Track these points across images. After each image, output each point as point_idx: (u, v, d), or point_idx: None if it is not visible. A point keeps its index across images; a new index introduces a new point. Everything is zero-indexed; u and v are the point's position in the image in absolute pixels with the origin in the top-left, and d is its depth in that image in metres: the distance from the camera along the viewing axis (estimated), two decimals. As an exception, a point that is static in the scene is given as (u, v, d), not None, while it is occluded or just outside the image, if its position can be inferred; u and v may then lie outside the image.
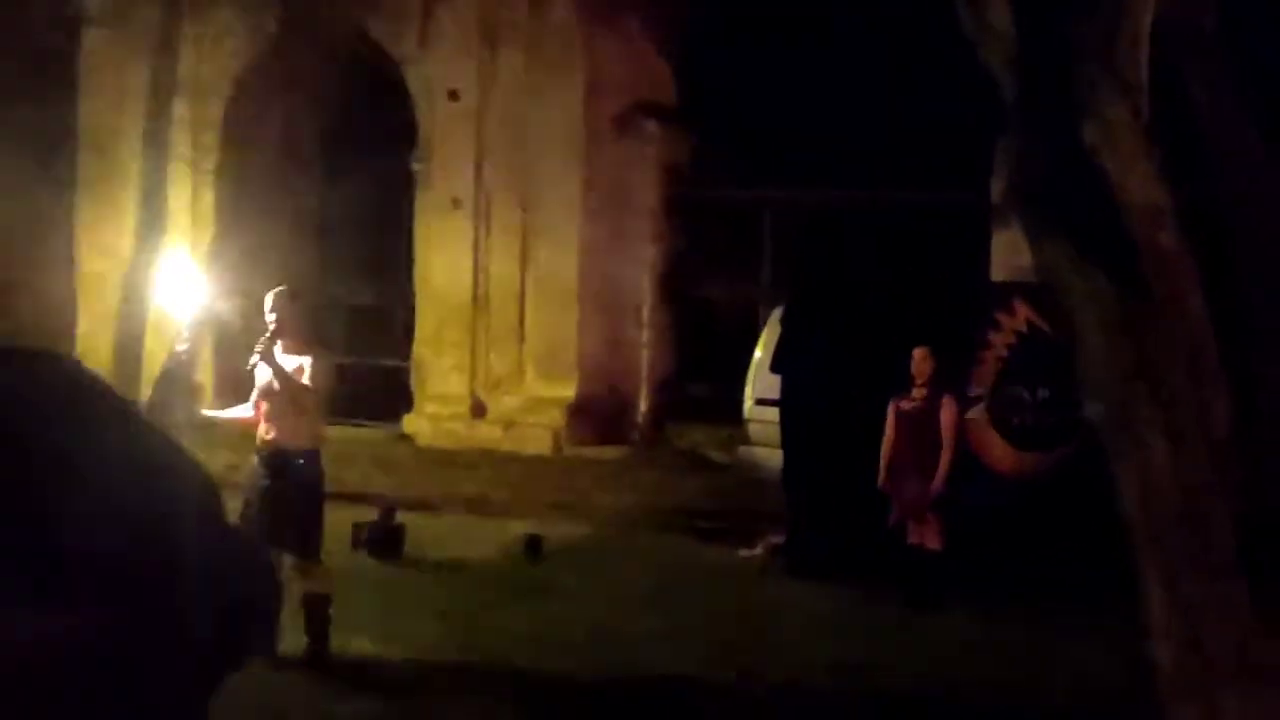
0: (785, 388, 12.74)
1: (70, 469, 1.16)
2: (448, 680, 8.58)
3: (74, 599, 1.13)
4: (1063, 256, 4.42)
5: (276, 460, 8.75)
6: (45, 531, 1.12)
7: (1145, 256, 4.30)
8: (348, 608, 9.45)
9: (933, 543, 10.85)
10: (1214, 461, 4.39)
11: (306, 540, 8.76)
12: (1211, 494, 4.38)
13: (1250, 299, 4.64)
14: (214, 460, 14.76)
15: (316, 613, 8.75)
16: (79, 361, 1.38)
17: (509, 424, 19.87)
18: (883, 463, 11.08)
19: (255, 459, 8.91)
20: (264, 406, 8.82)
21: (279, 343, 8.66)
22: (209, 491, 1.28)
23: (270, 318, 8.67)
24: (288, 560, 8.69)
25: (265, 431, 8.80)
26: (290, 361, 8.66)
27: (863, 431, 11.29)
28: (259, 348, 8.60)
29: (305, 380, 8.63)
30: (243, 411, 9.13)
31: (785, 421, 12.65)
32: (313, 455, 8.84)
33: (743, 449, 14.78)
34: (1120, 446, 4.44)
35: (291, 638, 8.56)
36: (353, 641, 9.02)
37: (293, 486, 8.70)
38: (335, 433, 20.62)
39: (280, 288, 9.02)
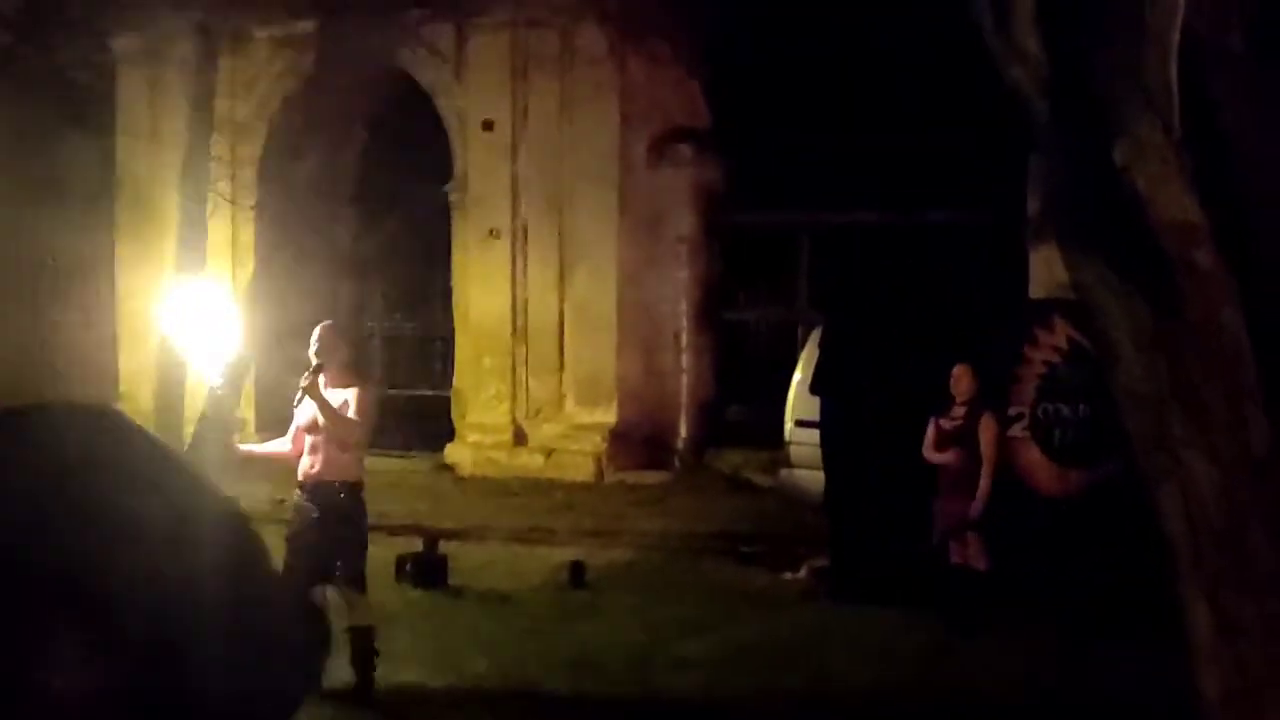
0: (825, 409, 12.71)
1: (114, 524, 1.19)
2: (494, 709, 8.59)
3: (114, 653, 1.15)
4: (1097, 275, 4.41)
5: (319, 493, 8.76)
6: (85, 587, 1.14)
7: (1180, 274, 4.29)
8: (393, 639, 9.48)
9: (977, 563, 10.80)
10: (1254, 479, 4.37)
11: (352, 573, 8.76)
12: (1252, 512, 4.35)
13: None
14: (257, 494, 14.89)
15: (362, 645, 8.77)
16: (123, 414, 1.40)
17: (550, 451, 19.92)
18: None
19: (298, 493, 8.94)
20: (306, 440, 8.83)
21: (323, 376, 8.71)
22: (251, 542, 1.31)
23: (314, 352, 8.72)
24: (332, 593, 8.73)
25: (309, 466, 8.81)
26: (335, 396, 8.69)
27: (903, 452, 11.25)
28: (303, 382, 8.64)
29: (350, 414, 8.66)
30: (279, 446, 9.18)
31: (826, 443, 12.61)
32: (355, 488, 8.85)
33: (784, 472, 14.77)
34: (1158, 466, 4.42)
35: (338, 671, 8.59)
36: (399, 673, 9.04)
37: (336, 519, 8.71)
38: (377, 464, 20.77)
39: (325, 322, 9.07)
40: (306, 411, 8.80)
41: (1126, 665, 9.12)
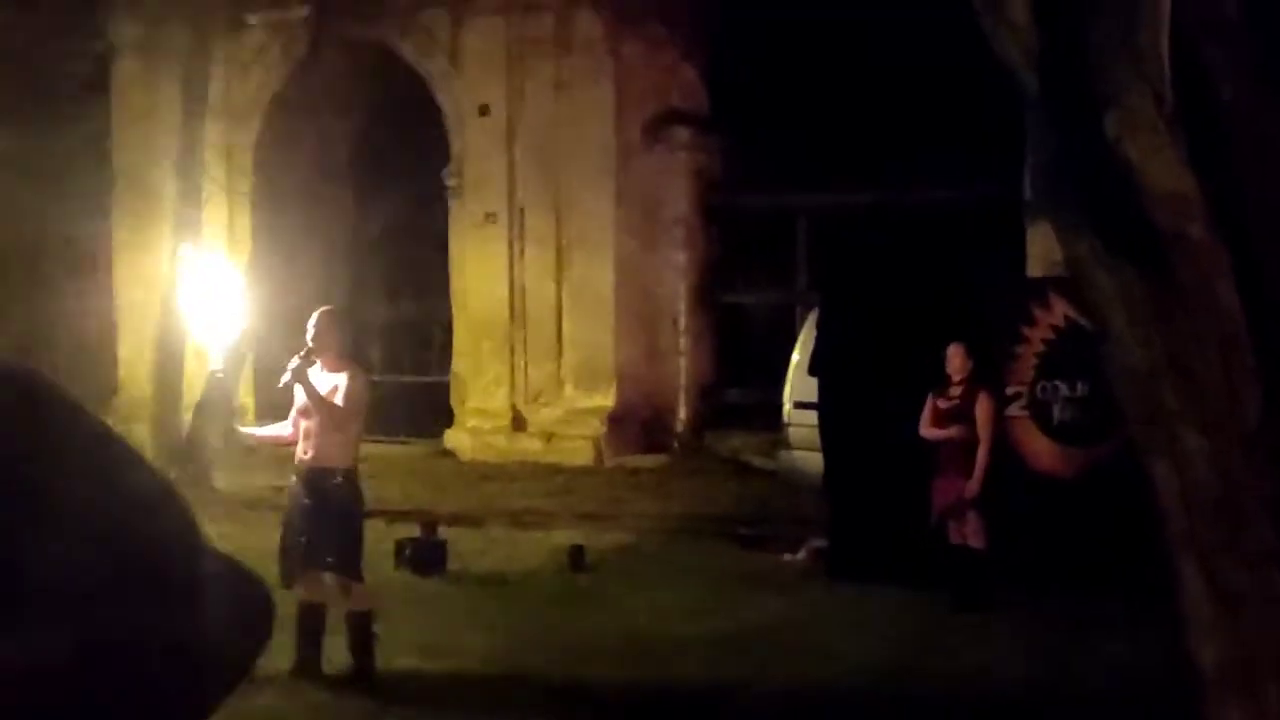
0: (824, 390, 12.70)
1: (31, 488, 1.16)
2: (494, 694, 8.58)
3: (43, 624, 1.13)
4: (1089, 249, 4.39)
5: (314, 479, 8.71)
6: (7, 554, 1.12)
7: (1173, 246, 4.27)
8: (393, 624, 9.47)
9: (976, 541, 10.79)
10: (1248, 451, 4.35)
11: (348, 559, 8.71)
12: (1247, 484, 4.34)
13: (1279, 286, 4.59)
14: (256, 481, 14.89)
15: (360, 630, 8.76)
16: (37, 370, 1.38)
17: (549, 436, 19.93)
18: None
19: (293, 479, 8.92)
20: (301, 425, 8.80)
21: (317, 362, 8.69)
22: (182, 510, 1.29)
23: (310, 337, 8.69)
24: (328, 579, 8.71)
25: (302, 451, 8.77)
26: (327, 380, 8.67)
27: (902, 431, 11.24)
28: (291, 365, 8.63)
29: (338, 399, 8.64)
30: (280, 430, 9.14)
31: (825, 424, 12.60)
32: (349, 473, 8.80)
33: (783, 453, 14.77)
34: (1152, 439, 4.40)
35: (338, 656, 8.59)
36: (398, 658, 9.03)
37: (332, 505, 8.65)
38: (377, 449, 20.82)
39: (323, 308, 9.05)
40: (299, 396, 8.77)
41: (1125, 642, 9.11)
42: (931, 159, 18.06)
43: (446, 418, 21.13)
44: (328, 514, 8.62)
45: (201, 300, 9.04)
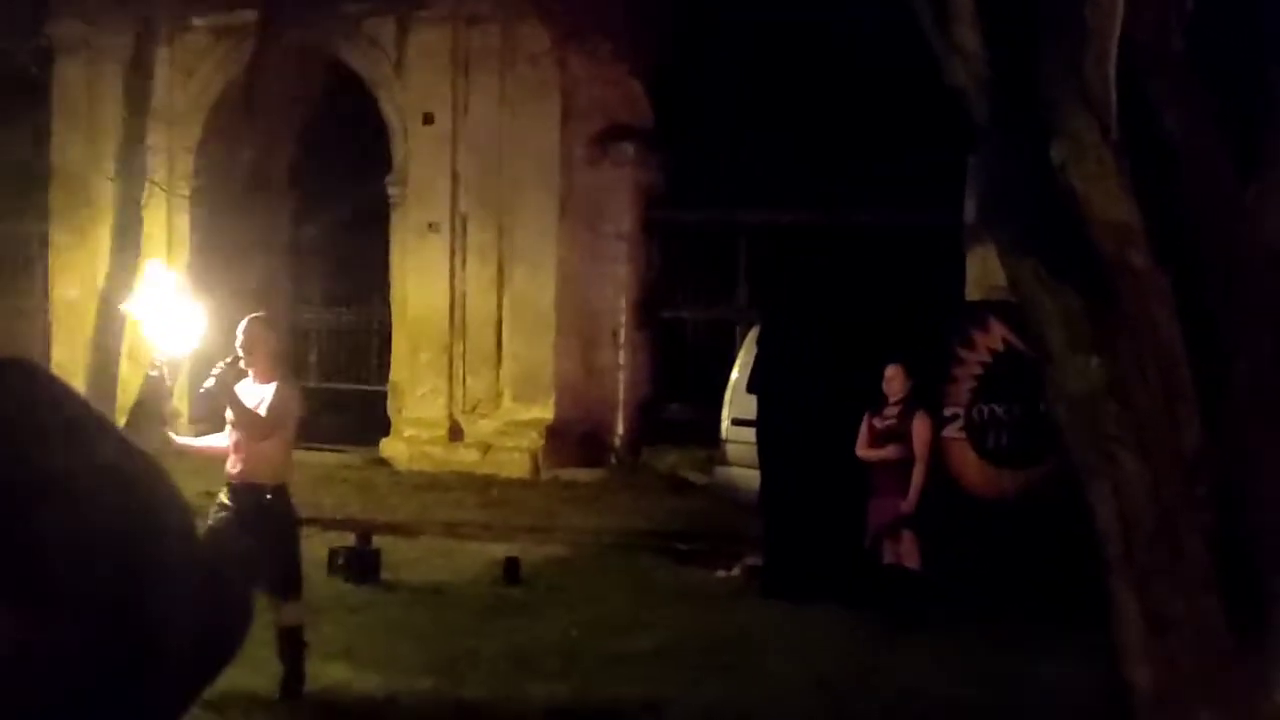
0: (762, 408, 12.74)
1: (40, 480, 1.17)
2: (425, 706, 8.54)
3: (46, 610, 1.14)
4: (1032, 274, 4.44)
5: (243, 495, 8.49)
6: (15, 542, 1.13)
7: (1115, 273, 4.32)
8: (325, 634, 9.42)
9: (910, 561, 10.85)
10: (1185, 477, 4.40)
11: (284, 577, 8.46)
12: (1184, 510, 4.39)
13: (1219, 316, 4.65)
14: (186, 488, 14.73)
15: (292, 644, 8.62)
16: (38, 365, 1.38)
17: (486, 447, 19.88)
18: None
19: (222, 492, 8.65)
20: (232, 438, 8.59)
21: (249, 373, 8.56)
22: (182, 508, 1.29)
23: (239, 345, 8.55)
24: (262, 596, 8.58)
25: (232, 465, 8.55)
26: (258, 391, 8.51)
27: (839, 450, 11.29)
28: (215, 371, 8.46)
29: (262, 411, 8.47)
30: (218, 441, 8.86)
31: (762, 442, 12.65)
32: (280, 490, 8.60)
33: (720, 470, 14.79)
34: (1091, 463, 4.45)
35: (268, 667, 8.51)
36: (329, 668, 8.98)
37: (264, 522, 8.37)
38: (311, 457, 20.67)
39: (252, 315, 8.88)
40: (221, 405, 8.58)
41: (1059, 663, 9.18)
42: (874, 180, 18.17)
43: (383, 426, 21.03)
44: (260, 531, 8.32)
45: (155, 313, 8.84)
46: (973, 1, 4.40)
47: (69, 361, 19.66)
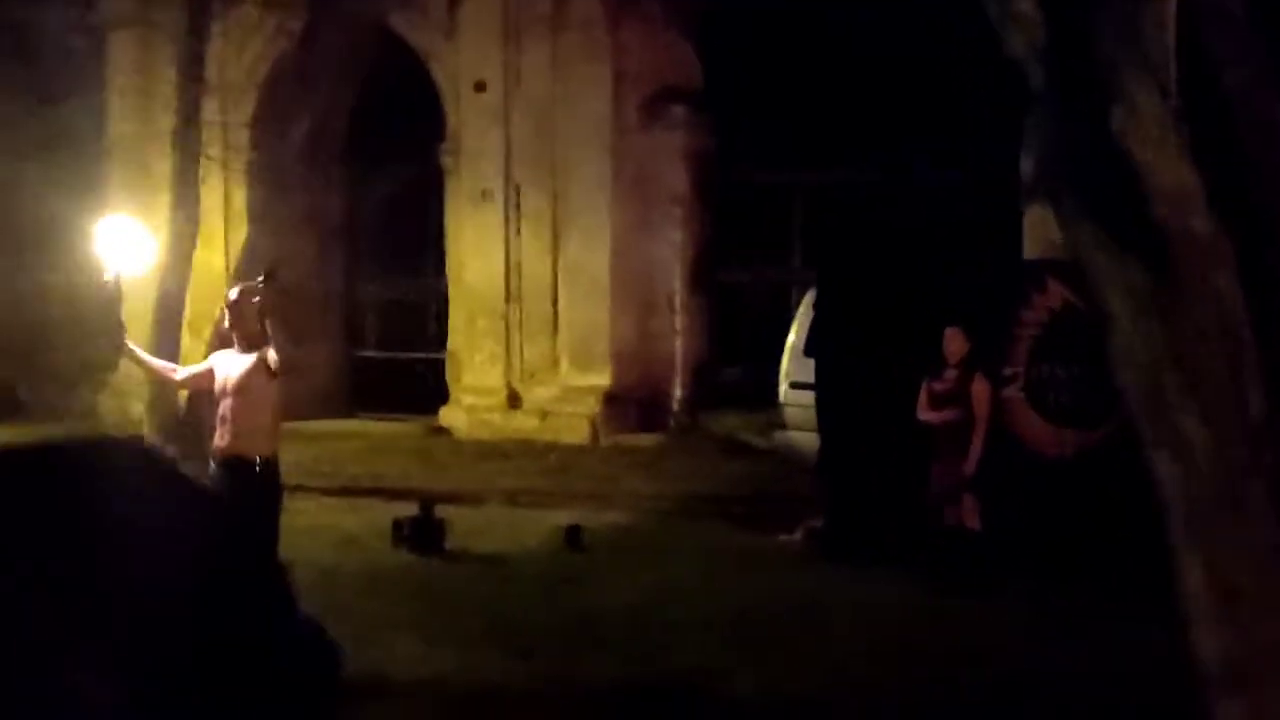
0: (820, 371, 12.72)
1: (144, 548, 1.22)
2: (495, 678, 8.58)
3: (145, 670, 1.18)
4: (1093, 243, 4.40)
5: (234, 468, 8.33)
6: (119, 606, 1.17)
7: (1176, 241, 4.28)
8: (393, 606, 9.49)
9: (971, 523, 10.81)
10: (1251, 444, 4.36)
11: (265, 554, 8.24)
12: (1250, 477, 4.35)
13: (1284, 279, 4.60)
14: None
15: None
16: (152, 445, 1.44)
17: (545, 414, 19.95)
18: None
19: (211, 467, 8.46)
20: (220, 406, 8.42)
21: (236, 339, 8.44)
22: (277, 572, 1.33)
23: (229, 307, 8.45)
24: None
25: (219, 437, 8.41)
26: (240, 360, 8.41)
27: (898, 413, 11.26)
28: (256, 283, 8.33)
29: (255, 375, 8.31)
30: (165, 367, 9.15)
31: (820, 405, 12.63)
32: (270, 462, 8.46)
33: (779, 433, 14.79)
34: (1155, 432, 4.41)
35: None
36: (400, 641, 9.04)
37: (253, 496, 8.24)
38: (371, 427, 20.84)
39: (244, 285, 8.66)
40: (223, 373, 8.47)
41: (1123, 627, 9.15)
42: (928, 139, 18.06)
43: (442, 395, 21.14)
44: (247, 504, 8.17)
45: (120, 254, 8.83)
46: (1028, -34, 4.36)
47: (132, 335, 19.80)
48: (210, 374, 8.65)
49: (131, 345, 8.90)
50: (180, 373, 9.18)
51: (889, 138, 18.46)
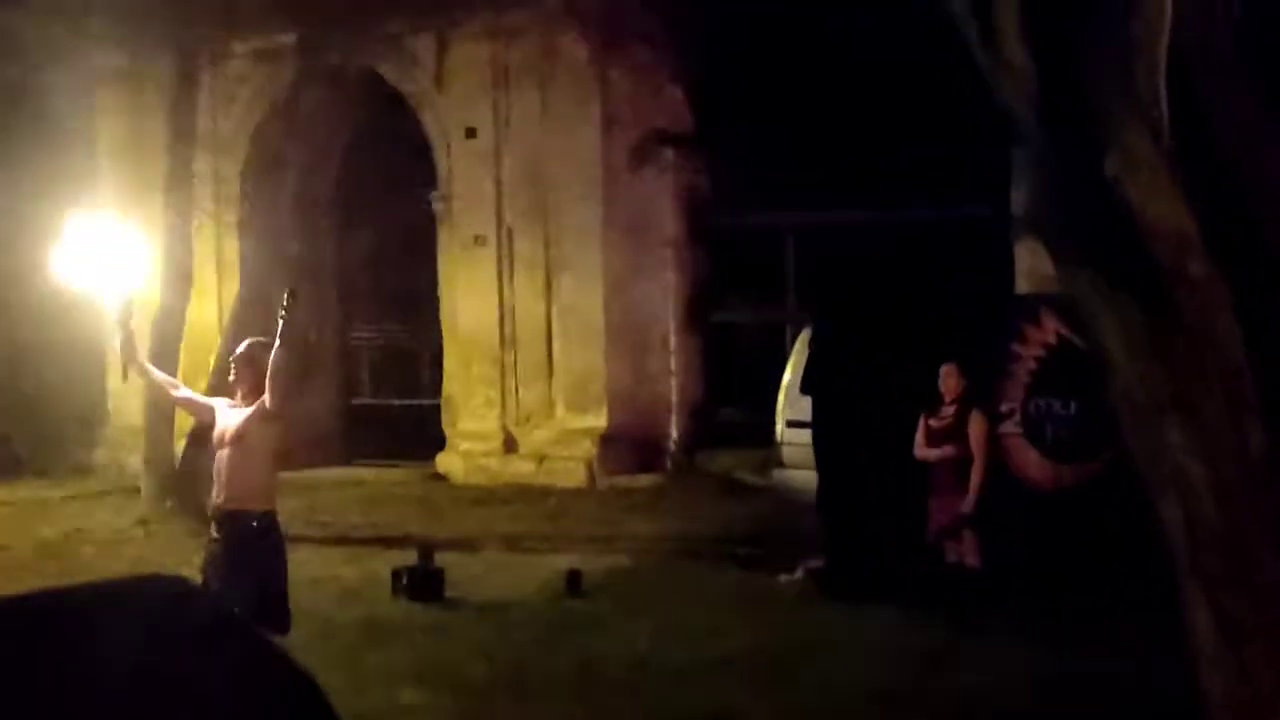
0: (816, 409, 12.74)
1: (200, 694, 1.24)
2: (496, 724, 8.58)
3: None
4: (1091, 286, 4.43)
5: (232, 523, 8.22)
6: None
7: (1174, 284, 4.31)
8: (394, 656, 9.47)
9: (972, 560, 10.83)
10: (1252, 484, 4.39)
11: (270, 613, 7.83)
12: (1252, 516, 4.38)
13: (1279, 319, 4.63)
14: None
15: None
16: (191, 583, 1.46)
17: (541, 458, 19.95)
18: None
19: (213, 525, 8.37)
20: (217, 456, 8.32)
21: (239, 392, 8.34)
22: (321, 706, 1.35)
23: (234, 362, 8.41)
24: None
25: (216, 494, 8.30)
26: (237, 413, 8.30)
27: (896, 450, 11.28)
28: (281, 314, 8.18)
29: (254, 427, 8.19)
30: (166, 381, 9.00)
31: (818, 443, 12.64)
32: (268, 516, 8.30)
33: (776, 472, 14.78)
34: (1156, 473, 4.44)
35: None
36: (402, 692, 9.03)
37: (254, 552, 8.14)
38: (368, 474, 20.80)
39: (252, 339, 8.58)
40: (224, 419, 8.35)
41: (1125, 662, 9.15)
42: (917, 176, 18.12)
43: (438, 441, 21.12)
44: (245, 563, 8.07)
45: (93, 265, 8.77)
46: (1019, 15, 4.40)
47: (124, 389, 19.82)
48: (210, 411, 8.56)
49: (140, 356, 8.89)
50: (181, 390, 9.08)
51: (879, 175, 18.51)
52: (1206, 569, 4.39)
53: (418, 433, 21.60)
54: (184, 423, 16.71)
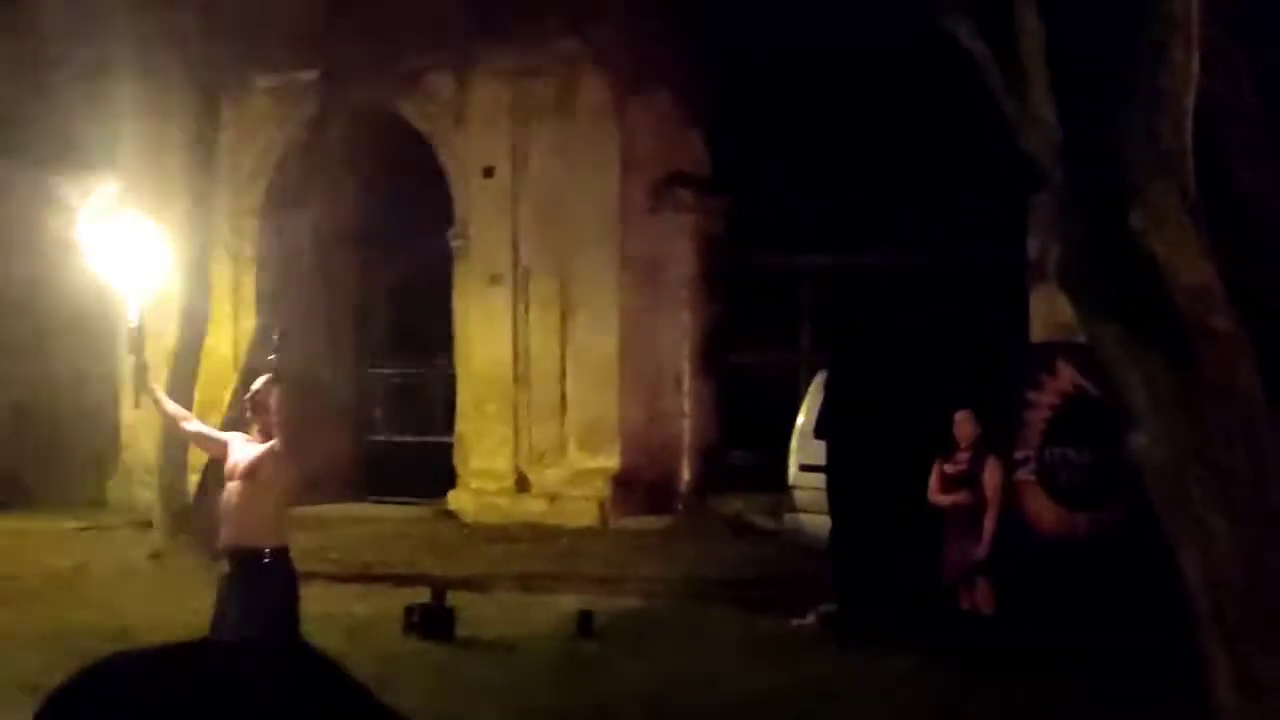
0: (830, 453, 12.73)
1: None
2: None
3: None
4: (1114, 339, 4.45)
5: (242, 560, 8.17)
6: None
7: (1197, 337, 4.33)
8: (405, 695, 9.44)
9: (985, 606, 10.81)
10: (1274, 538, 4.39)
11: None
12: (1272, 571, 4.38)
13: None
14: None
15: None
16: (310, 646, 1.47)
17: (554, 497, 19.93)
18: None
19: (225, 563, 8.36)
20: (226, 490, 8.30)
21: (254, 428, 8.33)
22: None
23: (249, 399, 8.38)
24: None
25: (226, 530, 8.25)
26: (251, 448, 8.29)
27: (910, 496, 11.27)
28: (271, 358, 8.27)
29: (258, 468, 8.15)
30: (178, 413, 8.96)
31: (831, 487, 12.63)
32: (280, 552, 8.20)
33: (789, 516, 14.76)
34: (1179, 525, 4.45)
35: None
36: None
37: (265, 588, 8.06)
38: (380, 512, 20.80)
39: (270, 377, 8.44)
40: (237, 453, 8.34)
41: (1138, 710, 9.11)
42: (935, 220, 18.16)
43: (450, 479, 21.11)
44: (257, 602, 7.96)
45: (118, 255, 8.81)
46: (1046, 69, 4.43)
47: (138, 423, 19.87)
48: (223, 445, 8.58)
49: (153, 385, 8.90)
50: (193, 424, 9.04)
51: (895, 219, 18.55)
52: (1228, 622, 4.39)
53: (431, 470, 21.58)
54: (198, 457, 16.74)
